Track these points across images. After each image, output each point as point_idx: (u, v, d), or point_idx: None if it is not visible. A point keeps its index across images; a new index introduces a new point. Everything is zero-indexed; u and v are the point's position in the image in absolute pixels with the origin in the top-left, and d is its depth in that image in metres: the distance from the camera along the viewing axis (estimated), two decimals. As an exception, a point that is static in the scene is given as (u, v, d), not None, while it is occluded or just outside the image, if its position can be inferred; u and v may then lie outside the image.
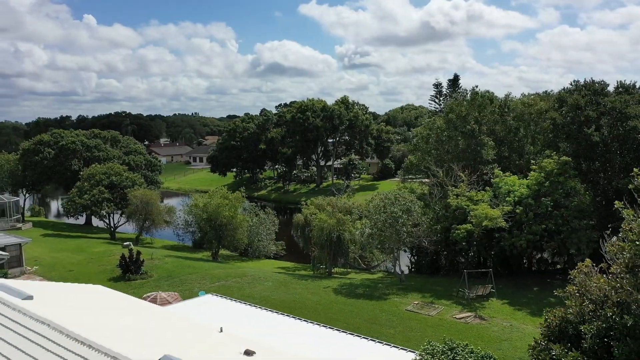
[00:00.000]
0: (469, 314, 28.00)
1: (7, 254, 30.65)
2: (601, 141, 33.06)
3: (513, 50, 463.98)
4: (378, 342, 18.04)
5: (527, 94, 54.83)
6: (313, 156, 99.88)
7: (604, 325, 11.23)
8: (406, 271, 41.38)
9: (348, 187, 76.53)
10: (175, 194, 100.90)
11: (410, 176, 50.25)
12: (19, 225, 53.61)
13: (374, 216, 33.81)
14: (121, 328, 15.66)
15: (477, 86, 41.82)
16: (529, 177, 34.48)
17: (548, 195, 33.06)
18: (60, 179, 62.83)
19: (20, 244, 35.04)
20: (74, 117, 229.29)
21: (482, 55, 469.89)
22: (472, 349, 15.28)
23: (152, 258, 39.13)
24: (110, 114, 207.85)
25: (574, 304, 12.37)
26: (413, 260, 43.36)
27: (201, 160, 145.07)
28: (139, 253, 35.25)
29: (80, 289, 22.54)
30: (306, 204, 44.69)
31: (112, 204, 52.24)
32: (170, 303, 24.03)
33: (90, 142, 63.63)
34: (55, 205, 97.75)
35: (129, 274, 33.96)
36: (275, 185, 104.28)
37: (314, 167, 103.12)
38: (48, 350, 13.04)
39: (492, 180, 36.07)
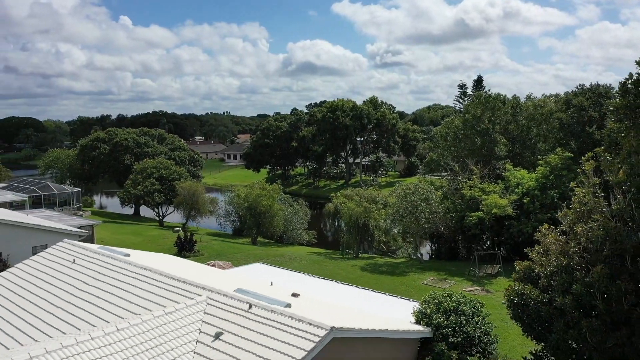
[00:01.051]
0: (477, 287, 32.39)
1: (87, 231, 36.55)
2: (602, 139, 36.71)
3: (550, 47, 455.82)
4: (395, 296, 22.83)
5: (548, 94, 58.18)
6: (342, 154, 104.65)
7: (553, 269, 15.67)
8: (427, 257, 45.80)
9: (375, 181, 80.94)
10: (211, 189, 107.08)
11: (433, 173, 54.38)
12: (80, 213, 60.09)
13: (396, 204, 38.39)
14: (199, 275, 20.84)
15: (489, 89, 45.91)
16: (536, 171, 38.41)
17: (555, 187, 36.93)
18: (113, 172, 69.46)
19: (92, 226, 41.06)
20: (113, 116, 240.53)
21: (517, 53, 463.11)
22: (464, 295, 19.88)
23: (201, 240, 44.68)
24: (148, 113, 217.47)
25: (536, 256, 16.82)
26: (433, 247, 47.69)
27: (235, 157, 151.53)
28: (192, 234, 40.81)
29: (157, 255, 28.03)
30: (336, 196, 49.46)
31: (162, 194, 58.21)
32: (225, 269, 29.27)
33: (140, 139, 70.03)
34: (97, 198, 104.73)
35: (184, 252, 39.48)
36: (306, 181, 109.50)
37: (343, 164, 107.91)
38: (153, 284, 18.31)
39: (503, 174, 40.13)
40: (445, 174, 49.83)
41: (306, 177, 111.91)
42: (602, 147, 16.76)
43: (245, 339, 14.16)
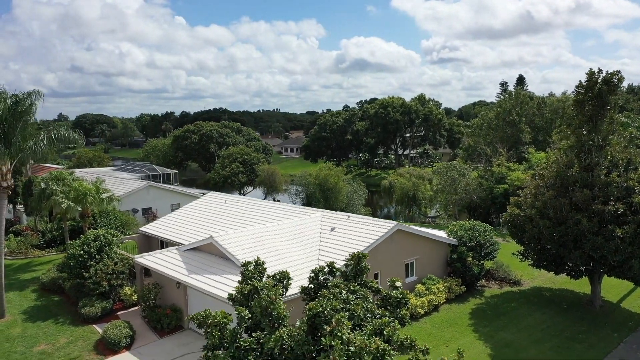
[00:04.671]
0: (500, 239, 42.67)
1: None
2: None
3: (617, 41, 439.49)
4: (437, 229, 33.73)
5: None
6: (392, 146, 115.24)
7: (528, 196, 26.17)
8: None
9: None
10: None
11: (471, 157, 64.30)
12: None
13: (437, 178, 49.02)
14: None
15: (519, 87, 55.39)
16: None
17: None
18: (201, 158, 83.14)
19: (203, 193, 53.87)
20: (177, 113, 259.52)
21: (580, 48, 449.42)
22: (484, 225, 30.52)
23: (282, 208, 56.82)
24: (209, 110, 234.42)
25: (521, 192, 27.33)
26: (471, 219, 57.87)
27: (291, 150, 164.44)
28: (279, 201, 52.83)
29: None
30: (389, 175, 60.45)
31: (244, 175, 70.97)
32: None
33: (222, 130, 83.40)
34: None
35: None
36: (359, 171, 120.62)
37: (392, 155, 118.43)
38: (288, 209, 30.09)
39: (526, 156, 49.92)
40: (481, 162, 59.72)
41: (359, 167, 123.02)
42: (565, 125, 27.07)
43: (349, 230, 25.68)
